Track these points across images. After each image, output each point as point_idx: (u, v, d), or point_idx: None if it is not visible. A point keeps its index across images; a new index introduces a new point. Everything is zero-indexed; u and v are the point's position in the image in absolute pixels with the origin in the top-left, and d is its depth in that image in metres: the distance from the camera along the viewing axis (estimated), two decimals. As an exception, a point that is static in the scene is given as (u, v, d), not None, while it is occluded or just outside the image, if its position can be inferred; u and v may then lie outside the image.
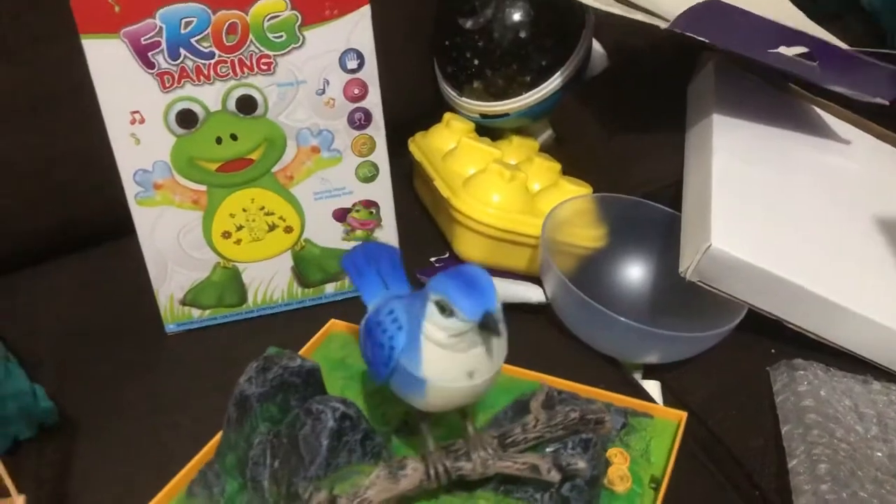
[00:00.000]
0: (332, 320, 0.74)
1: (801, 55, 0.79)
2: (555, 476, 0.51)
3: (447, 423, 0.59)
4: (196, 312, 0.78)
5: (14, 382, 0.64)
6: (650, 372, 0.77)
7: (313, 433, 0.54)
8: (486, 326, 0.46)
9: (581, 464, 0.52)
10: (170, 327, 0.78)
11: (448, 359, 0.48)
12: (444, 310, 0.47)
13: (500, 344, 0.49)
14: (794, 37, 0.77)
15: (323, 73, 0.71)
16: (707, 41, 0.74)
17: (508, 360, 0.63)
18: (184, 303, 0.77)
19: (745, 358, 0.75)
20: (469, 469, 0.53)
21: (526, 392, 0.62)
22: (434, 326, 0.48)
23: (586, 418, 0.55)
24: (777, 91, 0.93)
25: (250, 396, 0.57)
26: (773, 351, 0.75)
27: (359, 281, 0.62)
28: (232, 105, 0.70)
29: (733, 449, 0.68)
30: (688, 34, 0.73)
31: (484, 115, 0.96)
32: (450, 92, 0.98)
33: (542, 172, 0.90)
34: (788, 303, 0.70)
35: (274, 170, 0.73)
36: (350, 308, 0.77)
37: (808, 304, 0.69)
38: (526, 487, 0.54)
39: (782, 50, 0.77)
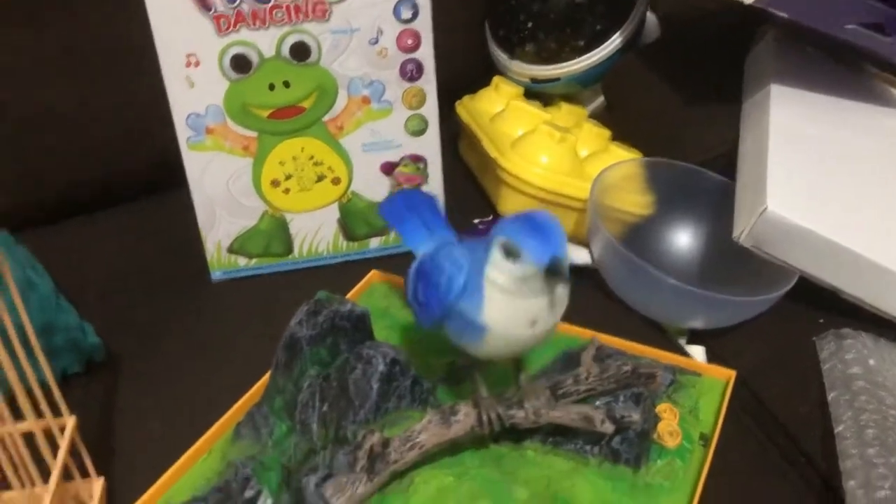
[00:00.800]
0: (374, 271, 0.74)
1: (873, 29, 0.76)
2: (608, 427, 0.51)
3: (495, 373, 0.58)
4: (242, 261, 0.78)
5: (64, 317, 0.65)
6: (695, 338, 0.77)
7: (364, 377, 0.54)
8: (553, 272, 0.45)
9: (635, 416, 0.51)
10: (216, 274, 0.79)
11: (511, 306, 0.47)
12: (510, 253, 0.46)
13: (563, 294, 0.48)
14: (869, 10, 0.75)
15: (377, 22, 0.70)
16: (787, 16, 0.72)
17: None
18: (231, 250, 0.77)
19: (793, 327, 0.73)
20: (521, 418, 0.52)
21: (572, 346, 0.61)
22: (497, 270, 0.46)
23: (638, 372, 0.55)
24: (838, 63, 0.91)
25: (300, 339, 0.57)
26: (821, 321, 0.73)
27: (401, 227, 0.60)
28: (286, 51, 0.70)
29: (779, 415, 0.67)
30: (770, 10, 0.71)
31: (534, 80, 0.95)
32: (500, 55, 0.97)
33: (592, 138, 0.89)
34: (844, 271, 0.69)
35: (324, 119, 0.73)
36: (394, 263, 0.77)
37: (865, 272, 0.68)
38: (576, 439, 0.54)
39: (857, 25, 0.75)
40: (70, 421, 0.54)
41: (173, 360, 0.69)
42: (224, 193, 0.75)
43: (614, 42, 0.92)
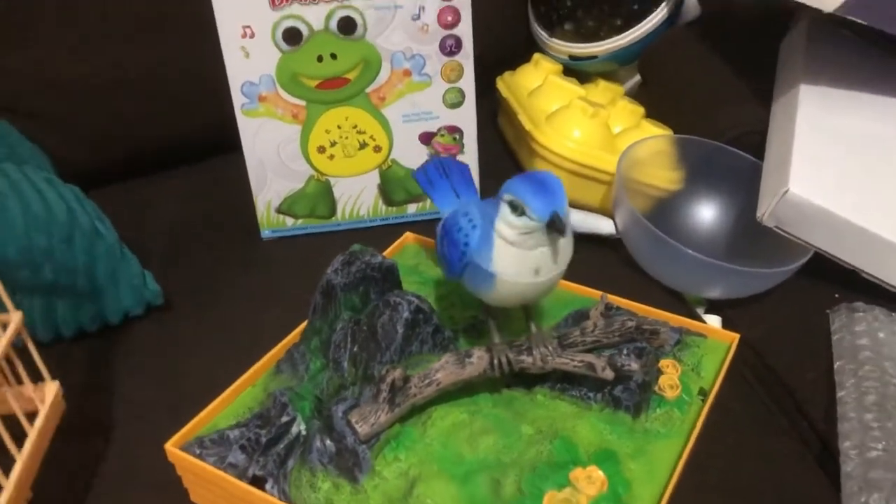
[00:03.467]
0: (407, 233, 0.80)
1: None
2: (609, 374, 0.55)
3: (511, 327, 0.64)
4: (290, 221, 0.85)
5: (127, 265, 0.72)
6: (713, 308, 0.80)
7: (390, 322, 0.59)
8: (553, 226, 0.50)
9: (634, 365, 0.56)
10: (265, 233, 0.85)
11: (517, 256, 0.53)
12: (516, 209, 0.51)
13: (566, 247, 0.53)
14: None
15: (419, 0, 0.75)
16: (869, 24, 0.73)
17: (574, 283, 0.66)
18: (279, 211, 0.84)
19: (809, 301, 0.76)
20: (530, 363, 0.57)
21: (585, 307, 0.66)
22: (505, 224, 0.52)
23: (642, 328, 0.59)
24: (872, 50, 0.92)
25: (336, 286, 0.62)
26: (836, 296, 0.76)
27: (431, 191, 0.66)
28: (334, 25, 0.75)
29: (786, 379, 0.70)
30: (849, 18, 0.72)
31: (573, 57, 0.99)
32: (540, 33, 1.01)
33: (626, 115, 0.92)
34: (864, 251, 0.71)
35: (368, 90, 0.79)
36: (429, 228, 0.82)
37: (884, 252, 0.70)
38: (581, 387, 0.59)
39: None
40: (15, 316, 0.53)
41: (225, 307, 0.76)
42: (274, 157, 0.81)
43: (651, 21, 0.95)
